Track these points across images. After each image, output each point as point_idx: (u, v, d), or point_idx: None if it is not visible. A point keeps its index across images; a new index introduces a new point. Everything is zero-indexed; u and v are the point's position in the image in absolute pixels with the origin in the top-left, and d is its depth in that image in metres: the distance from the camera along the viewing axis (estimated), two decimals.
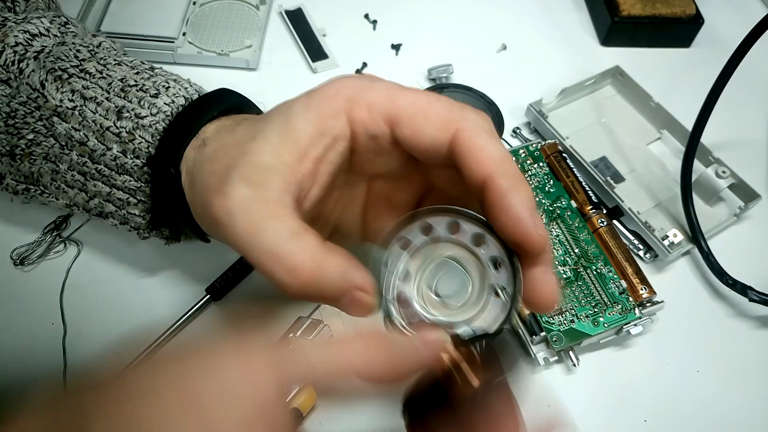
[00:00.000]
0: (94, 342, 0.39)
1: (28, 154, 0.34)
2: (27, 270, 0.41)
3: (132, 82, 0.33)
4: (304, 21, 0.55)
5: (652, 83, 0.49)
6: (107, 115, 0.33)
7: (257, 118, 0.30)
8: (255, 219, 0.25)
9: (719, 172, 0.44)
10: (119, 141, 0.32)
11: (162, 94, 0.33)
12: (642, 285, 0.40)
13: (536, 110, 0.48)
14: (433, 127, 0.26)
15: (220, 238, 0.28)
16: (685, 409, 0.38)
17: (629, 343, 0.40)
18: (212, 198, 0.26)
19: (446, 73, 0.52)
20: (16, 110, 0.34)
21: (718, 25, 0.57)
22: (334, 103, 0.27)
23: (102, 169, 0.33)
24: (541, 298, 0.26)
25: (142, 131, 0.32)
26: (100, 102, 0.33)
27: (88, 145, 0.33)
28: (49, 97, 0.33)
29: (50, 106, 0.33)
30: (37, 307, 0.40)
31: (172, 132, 0.32)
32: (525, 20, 0.58)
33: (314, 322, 0.36)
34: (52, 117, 0.33)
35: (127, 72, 0.34)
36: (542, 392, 0.38)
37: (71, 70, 0.33)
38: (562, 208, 0.43)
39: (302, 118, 0.27)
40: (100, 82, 0.33)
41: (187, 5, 0.54)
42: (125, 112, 0.32)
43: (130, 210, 0.34)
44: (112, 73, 0.34)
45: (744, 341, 0.41)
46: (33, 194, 0.36)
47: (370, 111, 0.26)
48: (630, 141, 0.49)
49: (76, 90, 0.33)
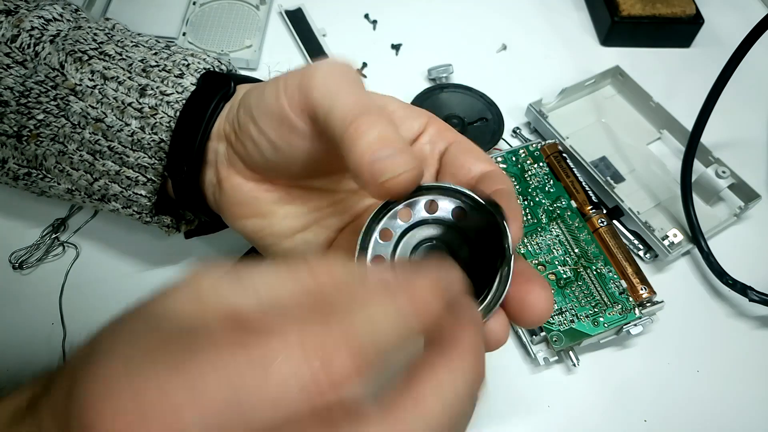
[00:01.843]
0: None
1: (35, 136, 0.34)
2: (26, 273, 0.41)
3: (153, 63, 0.34)
4: (304, 21, 0.55)
5: (652, 83, 0.49)
6: (129, 92, 0.33)
7: None
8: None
9: (719, 172, 0.44)
10: (140, 116, 0.32)
11: (186, 74, 0.33)
12: (642, 285, 0.40)
13: (536, 110, 0.48)
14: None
15: (291, 121, 0.27)
16: (685, 409, 0.38)
17: (629, 343, 0.40)
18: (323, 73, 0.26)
19: (446, 73, 0.52)
20: (31, 89, 0.34)
21: (718, 25, 0.57)
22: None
23: (115, 146, 0.33)
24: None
25: (165, 107, 0.32)
26: (122, 81, 0.33)
27: (105, 122, 0.33)
28: (69, 76, 0.33)
29: (69, 84, 0.33)
30: (36, 309, 0.40)
31: (202, 91, 0.32)
32: (525, 20, 0.58)
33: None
34: (68, 96, 0.33)
35: (146, 53, 0.34)
36: (542, 392, 0.39)
37: (91, 53, 0.34)
38: (562, 208, 0.43)
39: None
40: (120, 63, 0.34)
41: (187, 5, 0.54)
42: (149, 90, 0.33)
43: (137, 190, 0.34)
44: (131, 55, 0.34)
45: (744, 341, 0.41)
46: (34, 179, 0.35)
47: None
48: (630, 141, 0.49)
49: (97, 70, 0.33)
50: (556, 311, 0.39)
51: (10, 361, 0.38)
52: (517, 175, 0.45)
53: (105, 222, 0.44)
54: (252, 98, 0.29)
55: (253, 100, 0.29)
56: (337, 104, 0.25)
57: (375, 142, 0.23)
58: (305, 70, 0.27)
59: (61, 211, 0.44)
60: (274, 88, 0.28)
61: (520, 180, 0.45)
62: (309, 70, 0.27)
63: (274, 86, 0.28)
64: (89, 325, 0.41)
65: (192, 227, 0.38)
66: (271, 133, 0.28)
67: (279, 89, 0.27)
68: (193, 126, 0.32)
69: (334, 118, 0.24)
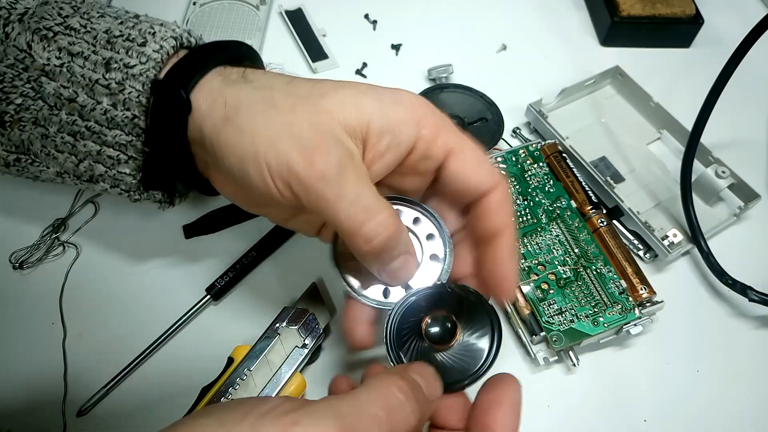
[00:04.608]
0: (94, 342, 0.39)
1: (18, 120, 0.33)
2: (26, 273, 0.41)
3: (117, 33, 0.33)
4: (304, 21, 0.55)
5: (652, 83, 0.49)
6: (95, 68, 0.32)
7: (308, 79, 0.31)
8: (352, 179, 0.28)
9: (719, 172, 0.44)
10: (109, 93, 0.32)
11: (149, 42, 0.32)
12: (642, 285, 0.40)
13: (536, 110, 0.48)
14: (482, 176, 0.31)
15: (261, 188, 0.29)
16: (685, 409, 0.38)
17: (629, 343, 0.40)
18: (310, 153, 0.27)
19: (446, 73, 0.52)
20: (4, 74, 0.33)
21: (718, 25, 0.57)
22: (410, 112, 0.30)
23: (92, 125, 0.33)
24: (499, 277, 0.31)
25: (132, 81, 0.32)
26: (87, 56, 0.32)
27: (77, 101, 0.32)
28: (36, 57, 0.32)
29: (38, 65, 0.32)
30: (36, 309, 0.40)
31: (189, 58, 0.32)
32: (525, 20, 0.58)
33: (299, 311, 0.37)
34: (40, 77, 0.33)
35: (111, 23, 0.33)
36: (542, 392, 0.39)
37: (56, 28, 0.33)
38: (562, 208, 0.43)
39: (373, 103, 0.29)
40: (86, 36, 0.33)
41: (187, 5, 0.54)
42: (113, 63, 0.32)
43: (121, 169, 0.33)
44: (96, 26, 0.33)
45: (744, 341, 0.41)
46: (24, 164, 0.35)
47: (437, 135, 0.30)
48: (630, 141, 0.49)
49: (63, 47, 0.32)
50: (556, 311, 0.39)
51: (11, 361, 0.38)
52: (517, 175, 0.45)
53: (105, 222, 0.44)
54: (232, 166, 0.29)
55: (235, 171, 0.29)
56: (339, 208, 0.28)
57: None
58: (292, 156, 0.28)
59: (61, 211, 0.44)
60: (257, 170, 0.28)
61: (520, 180, 0.45)
62: (299, 156, 0.28)
63: (256, 166, 0.28)
64: (89, 325, 0.41)
65: (186, 200, 0.38)
66: (244, 197, 0.32)
67: (263, 172, 0.28)
68: (183, 79, 0.31)
69: (337, 221, 0.28)
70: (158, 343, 0.39)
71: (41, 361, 0.38)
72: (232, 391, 0.34)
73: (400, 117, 0.30)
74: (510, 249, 0.31)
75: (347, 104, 0.29)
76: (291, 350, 0.36)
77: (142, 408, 0.37)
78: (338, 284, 0.43)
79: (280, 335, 0.36)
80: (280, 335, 0.36)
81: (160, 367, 0.38)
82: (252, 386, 0.35)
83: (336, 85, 0.30)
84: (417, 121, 0.30)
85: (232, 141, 0.29)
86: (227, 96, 0.29)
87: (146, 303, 0.41)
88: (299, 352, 0.36)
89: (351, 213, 0.28)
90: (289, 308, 0.38)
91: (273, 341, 0.36)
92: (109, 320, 0.40)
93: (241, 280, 0.41)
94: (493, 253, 0.31)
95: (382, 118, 0.29)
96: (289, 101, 0.29)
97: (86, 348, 0.39)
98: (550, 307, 0.39)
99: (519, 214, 0.43)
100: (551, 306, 0.39)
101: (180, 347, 0.39)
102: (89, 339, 0.39)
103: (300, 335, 0.37)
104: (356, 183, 0.28)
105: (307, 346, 0.36)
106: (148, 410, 0.37)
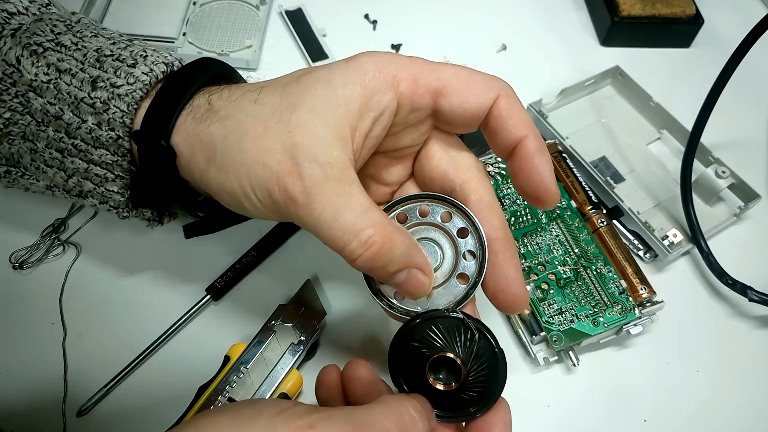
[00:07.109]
0: (94, 342, 0.39)
1: (6, 134, 0.33)
2: (26, 273, 0.41)
3: (108, 52, 0.32)
4: (304, 21, 0.55)
5: (652, 83, 0.49)
6: (81, 86, 0.32)
7: (276, 86, 0.29)
8: (331, 198, 0.26)
9: (719, 172, 0.44)
10: (94, 112, 0.32)
11: (140, 64, 0.32)
12: (642, 285, 0.40)
13: (536, 110, 0.48)
14: (478, 95, 0.29)
15: (265, 215, 0.29)
16: (685, 409, 0.38)
17: (629, 343, 0.40)
18: (282, 178, 0.27)
19: None
20: None
21: (718, 25, 0.57)
22: (381, 77, 0.28)
23: (78, 143, 0.32)
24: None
25: (117, 101, 0.31)
26: (74, 73, 0.32)
27: (63, 119, 0.32)
28: (24, 72, 0.32)
29: (25, 80, 0.32)
30: (36, 309, 0.40)
31: (159, 101, 0.31)
32: (525, 20, 0.58)
33: (295, 308, 0.38)
34: (27, 93, 0.32)
35: (103, 43, 0.33)
36: (542, 392, 0.39)
37: (46, 44, 0.33)
38: (562, 208, 0.43)
39: (349, 90, 0.28)
40: (75, 54, 0.32)
41: (187, 5, 0.54)
42: (100, 82, 0.32)
43: (109, 187, 0.33)
44: (87, 45, 0.33)
45: (744, 341, 0.41)
46: (15, 177, 0.35)
47: (417, 84, 0.28)
48: (630, 141, 0.49)
49: (51, 63, 0.32)
50: (556, 311, 0.39)
51: (11, 361, 0.38)
52: None
53: (105, 222, 0.44)
54: (227, 202, 0.30)
55: (232, 206, 0.29)
56: (320, 231, 0.27)
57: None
58: (270, 185, 0.27)
59: (61, 211, 0.44)
60: (249, 202, 0.28)
61: None
62: (274, 184, 0.27)
63: (246, 199, 0.28)
64: (89, 325, 0.41)
65: (175, 219, 0.38)
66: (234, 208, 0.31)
67: (255, 203, 0.28)
68: (162, 123, 0.30)
69: (324, 242, 0.27)
70: (158, 343, 0.39)
71: (41, 361, 0.38)
72: (229, 389, 0.35)
73: (372, 87, 0.28)
74: (539, 150, 0.29)
75: (319, 111, 0.27)
76: (287, 347, 0.36)
77: (142, 408, 0.37)
78: (334, 280, 0.43)
79: (275, 332, 0.36)
80: (276, 332, 0.36)
81: (160, 367, 0.38)
82: (249, 384, 0.35)
83: (302, 87, 0.28)
84: (390, 82, 0.28)
85: (220, 180, 0.29)
86: (201, 135, 0.29)
87: (146, 303, 0.41)
88: (295, 348, 0.36)
89: (331, 236, 0.27)
90: (284, 305, 0.38)
91: (269, 339, 0.36)
92: (109, 320, 0.40)
93: (241, 280, 0.41)
94: (522, 161, 0.29)
95: (355, 101, 0.28)
96: (259, 125, 0.28)
97: (86, 348, 0.39)
98: (550, 307, 0.39)
99: (519, 214, 0.43)
100: (551, 306, 0.39)
101: (180, 347, 0.39)
102: (89, 339, 0.39)
103: (296, 332, 0.37)
104: (335, 201, 0.26)
105: (303, 342, 0.36)
106: (148, 410, 0.37)
